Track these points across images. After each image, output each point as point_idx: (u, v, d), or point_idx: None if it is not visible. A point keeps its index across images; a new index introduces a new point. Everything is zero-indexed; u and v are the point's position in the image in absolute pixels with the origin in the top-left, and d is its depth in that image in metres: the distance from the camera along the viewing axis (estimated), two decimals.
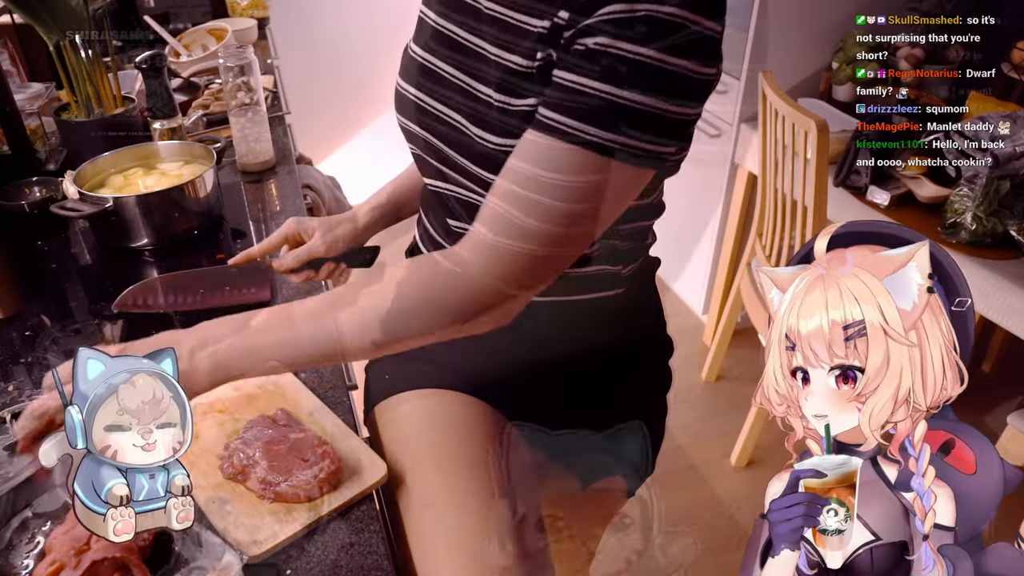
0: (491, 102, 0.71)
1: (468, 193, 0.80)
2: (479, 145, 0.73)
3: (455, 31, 0.77)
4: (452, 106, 0.76)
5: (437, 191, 0.85)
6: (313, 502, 0.75)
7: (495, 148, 0.71)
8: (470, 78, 0.74)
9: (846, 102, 2.20)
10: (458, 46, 0.76)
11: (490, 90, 0.71)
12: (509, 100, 0.70)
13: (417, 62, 0.81)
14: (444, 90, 0.77)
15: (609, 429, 0.97)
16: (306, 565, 0.71)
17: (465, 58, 0.75)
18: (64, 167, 1.40)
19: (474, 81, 0.74)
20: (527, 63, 0.68)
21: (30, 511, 0.73)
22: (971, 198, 1.59)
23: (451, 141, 0.77)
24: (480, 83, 0.73)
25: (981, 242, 1.59)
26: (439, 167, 0.82)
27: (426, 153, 0.83)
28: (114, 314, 1.09)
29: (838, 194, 1.83)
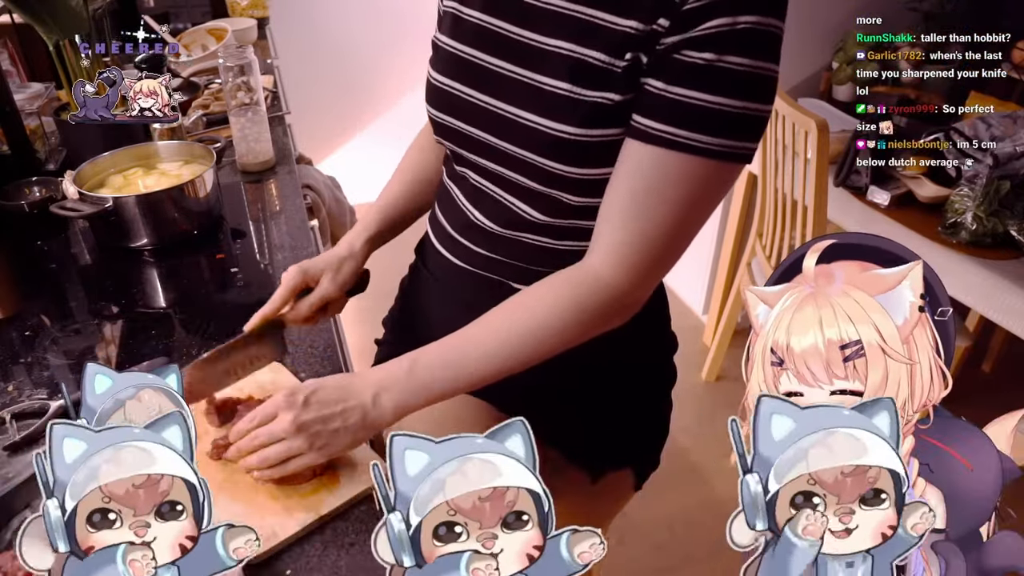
0: (558, 92, 0.73)
1: (501, 189, 0.81)
2: (549, 135, 0.74)
3: (502, 25, 0.77)
4: (503, 98, 0.77)
5: (472, 185, 0.85)
6: (312, 502, 0.75)
7: (570, 137, 0.73)
8: (527, 70, 0.75)
9: (846, 102, 2.20)
10: (508, 40, 0.77)
11: (559, 81, 0.73)
12: (582, 91, 0.72)
13: (457, 56, 0.81)
14: (494, 83, 0.78)
15: (615, 424, 0.97)
16: (306, 565, 0.71)
17: (519, 52, 0.76)
18: (64, 167, 1.40)
19: (533, 72, 0.75)
20: (610, 59, 0.70)
21: (30, 511, 0.73)
22: (971, 198, 1.59)
23: (505, 133, 0.78)
24: (542, 75, 0.74)
25: (981, 242, 1.59)
26: (479, 161, 0.82)
27: (464, 148, 0.83)
28: (114, 314, 1.09)
29: (838, 194, 1.83)
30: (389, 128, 3.29)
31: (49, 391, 0.93)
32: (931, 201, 1.72)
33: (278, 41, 2.48)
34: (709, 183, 0.71)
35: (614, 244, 0.73)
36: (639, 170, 0.71)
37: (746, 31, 0.65)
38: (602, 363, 0.90)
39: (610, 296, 0.75)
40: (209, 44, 2.15)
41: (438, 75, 0.84)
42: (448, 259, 0.91)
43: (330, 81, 3.11)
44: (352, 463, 0.80)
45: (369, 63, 3.14)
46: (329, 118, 3.19)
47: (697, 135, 0.68)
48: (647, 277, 0.75)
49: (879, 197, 1.77)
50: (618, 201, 0.73)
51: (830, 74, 2.27)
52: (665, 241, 0.73)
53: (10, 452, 0.84)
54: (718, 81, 0.66)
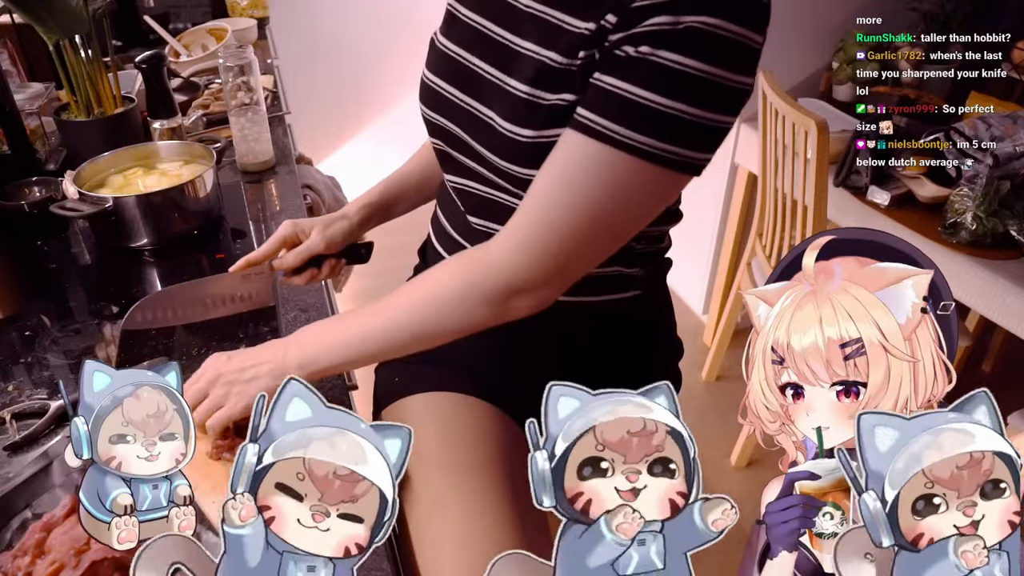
0: (520, 95, 0.72)
1: (490, 189, 0.81)
2: (508, 138, 0.74)
3: (487, 26, 0.77)
4: (481, 100, 0.77)
5: (458, 187, 0.85)
6: None
7: (525, 140, 0.72)
8: (502, 72, 0.75)
9: (846, 102, 2.20)
10: (490, 41, 0.77)
11: (521, 84, 0.72)
12: (541, 94, 0.71)
13: (447, 55, 0.82)
14: (475, 84, 0.78)
15: None
16: None
17: (497, 53, 0.76)
18: (64, 167, 1.40)
19: (505, 75, 0.75)
20: (567, 60, 0.70)
21: (30, 511, 0.73)
22: (971, 198, 1.59)
23: (480, 135, 0.78)
24: (512, 77, 0.74)
25: (981, 242, 1.59)
26: (464, 161, 0.82)
27: (451, 147, 0.83)
28: (114, 314, 1.09)
29: (838, 194, 1.83)
30: (389, 128, 3.29)
31: (49, 391, 0.93)
32: (931, 201, 1.72)
33: (278, 41, 2.48)
34: (627, 180, 0.68)
35: (514, 225, 0.72)
36: (558, 156, 0.70)
37: (687, 30, 0.62)
38: (604, 368, 0.90)
39: (500, 275, 0.72)
40: (209, 44, 2.15)
41: (429, 74, 0.84)
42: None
43: (330, 81, 3.11)
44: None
45: (369, 63, 3.14)
46: (329, 118, 3.19)
47: (617, 126, 0.65)
48: (543, 263, 0.71)
49: (879, 197, 1.77)
50: (533, 186, 0.71)
51: (830, 74, 2.27)
52: (568, 229, 0.69)
53: (10, 452, 0.84)
54: (646, 75, 0.64)
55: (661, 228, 0.87)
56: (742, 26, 0.63)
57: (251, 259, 0.95)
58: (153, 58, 1.39)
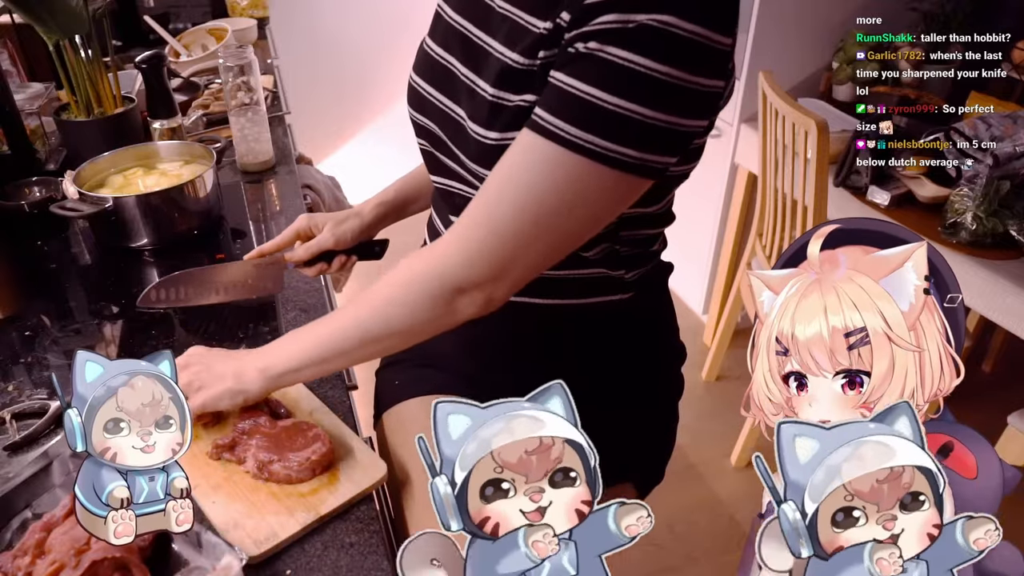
0: (486, 96, 0.72)
1: (470, 190, 0.80)
2: (476, 140, 0.74)
3: (467, 27, 0.77)
4: (457, 101, 0.77)
5: (443, 188, 0.85)
6: (312, 502, 0.75)
7: (490, 143, 0.72)
8: (474, 73, 0.75)
9: (846, 102, 2.20)
10: (468, 42, 0.77)
11: (488, 85, 0.72)
12: (506, 95, 0.71)
13: (431, 57, 0.82)
14: (452, 85, 0.78)
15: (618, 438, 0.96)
16: (306, 565, 0.71)
17: (473, 54, 0.76)
18: (64, 167, 1.40)
19: (476, 76, 0.75)
20: (528, 61, 0.69)
21: (30, 511, 0.73)
22: (971, 198, 1.59)
23: (455, 136, 0.78)
24: (481, 78, 0.74)
25: (981, 242, 1.59)
26: (445, 162, 0.82)
27: (434, 148, 0.84)
28: (114, 313, 1.09)
29: (838, 194, 1.83)
30: (389, 128, 3.29)
31: (49, 391, 0.93)
32: (931, 201, 1.72)
33: (278, 41, 2.48)
34: (575, 181, 0.65)
35: (460, 223, 0.71)
36: (509, 154, 0.68)
37: (638, 28, 0.60)
38: (604, 372, 0.90)
39: (444, 272, 0.71)
40: (209, 44, 2.15)
41: (415, 75, 0.85)
42: None
43: (330, 81, 3.11)
44: (353, 463, 0.80)
45: (369, 63, 3.14)
46: (329, 118, 3.19)
47: (565, 124, 0.64)
48: (486, 261, 0.70)
49: (879, 197, 1.77)
50: (485, 184, 0.70)
51: (830, 74, 2.27)
52: (511, 229, 0.68)
53: (10, 452, 0.84)
54: (594, 71, 0.62)
55: (648, 231, 0.86)
56: (701, 25, 0.60)
57: (264, 249, 0.99)
58: (153, 58, 1.39)
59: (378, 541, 0.74)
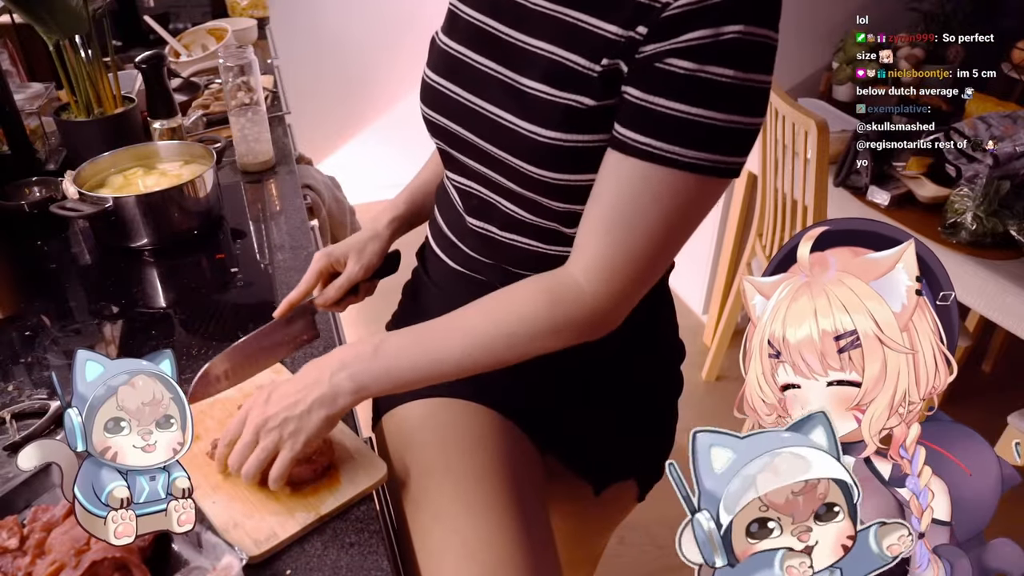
0: (538, 95, 0.71)
1: (490, 192, 0.80)
2: (527, 139, 0.73)
3: (494, 25, 0.76)
4: (491, 100, 0.76)
5: (460, 187, 0.84)
6: (312, 502, 0.75)
7: (544, 140, 0.72)
8: (511, 71, 0.74)
9: (846, 102, 2.20)
10: (496, 40, 0.76)
11: (536, 83, 0.72)
12: (556, 93, 0.71)
13: (449, 54, 0.81)
14: (483, 83, 0.77)
15: (619, 435, 0.96)
16: (306, 565, 0.71)
17: (506, 52, 0.75)
18: (64, 167, 1.40)
19: (515, 74, 0.74)
20: (588, 64, 0.69)
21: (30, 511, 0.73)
22: (971, 198, 1.59)
23: (492, 135, 0.77)
24: (524, 76, 0.73)
25: (981, 242, 1.59)
26: (466, 162, 0.81)
27: (453, 147, 0.82)
28: (114, 313, 1.09)
29: (838, 194, 1.84)
30: (389, 128, 3.29)
31: (49, 391, 0.93)
32: (931, 201, 1.72)
33: (278, 41, 2.48)
34: (692, 198, 0.69)
35: (596, 258, 0.71)
36: (620, 182, 0.69)
37: (731, 41, 0.62)
38: (607, 373, 0.90)
39: (589, 311, 0.72)
40: (209, 44, 2.15)
41: (431, 73, 0.83)
42: (446, 263, 0.90)
43: (330, 81, 3.11)
44: (353, 463, 0.80)
45: (369, 63, 3.14)
46: (329, 118, 3.19)
47: (679, 148, 0.66)
48: (628, 293, 0.73)
49: (879, 197, 1.77)
50: (600, 213, 0.71)
51: (830, 74, 2.27)
52: (648, 256, 0.71)
53: (10, 452, 0.84)
54: (699, 92, 0.64)
55: None
56: (769, 28, 0.64)
57: (291, 300, 0.93)
58: (153, 58, 1.39)
59: (378, 541, 0.74)
